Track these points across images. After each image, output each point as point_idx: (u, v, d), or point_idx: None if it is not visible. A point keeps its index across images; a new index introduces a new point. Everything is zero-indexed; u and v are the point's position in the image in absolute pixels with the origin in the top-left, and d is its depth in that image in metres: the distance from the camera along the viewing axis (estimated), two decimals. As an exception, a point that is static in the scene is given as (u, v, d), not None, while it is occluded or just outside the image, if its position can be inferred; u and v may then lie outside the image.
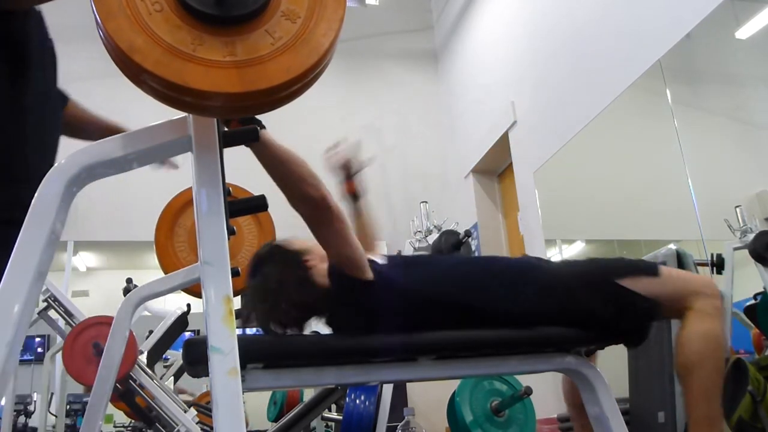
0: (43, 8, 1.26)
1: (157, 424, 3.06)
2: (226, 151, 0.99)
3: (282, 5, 0.87)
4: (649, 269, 1.42)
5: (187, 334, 3.87)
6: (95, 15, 0.79)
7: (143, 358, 3.17)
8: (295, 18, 0.86)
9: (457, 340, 1.39)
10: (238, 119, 1.16)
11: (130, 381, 2.93)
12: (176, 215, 2.19)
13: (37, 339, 4.66)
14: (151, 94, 0.82)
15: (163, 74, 0.78)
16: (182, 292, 2.08)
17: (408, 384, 4.21)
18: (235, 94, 0.81)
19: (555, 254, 3.77)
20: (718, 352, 1.33)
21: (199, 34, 0.82)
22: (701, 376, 1.31)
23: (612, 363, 2.28)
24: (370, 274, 1.32)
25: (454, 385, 2.81)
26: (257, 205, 1.10)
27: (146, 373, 3.00)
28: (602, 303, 1.38)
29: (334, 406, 3.15)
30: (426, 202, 3.83)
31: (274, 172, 1.20)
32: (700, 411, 1.30)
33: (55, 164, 0.91)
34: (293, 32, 0.85)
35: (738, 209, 2.50)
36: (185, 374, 3.90)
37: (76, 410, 4.44)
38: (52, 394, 4.18)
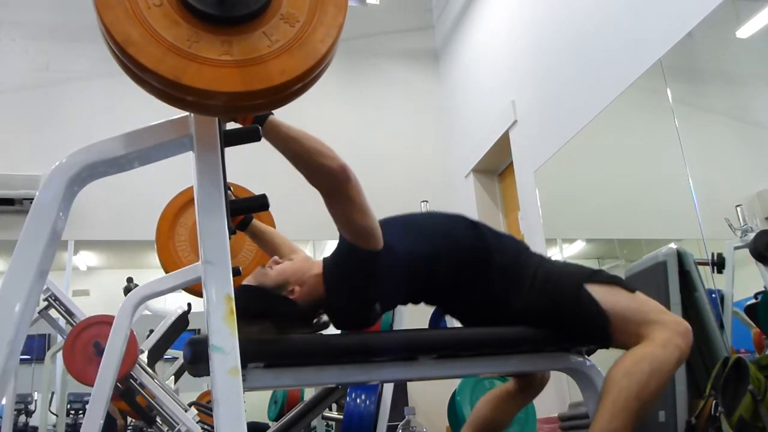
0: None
1: (157, 423, 3.07)
2: (227, 150, 0.99)
3: (282, 8, 0.86)
4: (626, 284, 1.39)
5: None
6: (94, 5, 0.79)
7: (144, 358, 3.17)
8: (293, 22, 0.86)
9: (458, 340, 1.39)
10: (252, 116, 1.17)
11: (131, 380, 2.93)
12: (177, 214, 2.19)
13: (38, 338, 4.66)
14: (153, 92, 0.82)
15: (157, 69, 0.78)
16: (183, 292, 2.08)
17: (409, 383, 4.21)
18: (227, 93, 0.81)
19: (555, 253, 3.77)
20: (646, 378, 1.23)
21: (197, 31, 0.82)
22: (617, 393, 1.23)
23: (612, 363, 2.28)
24: (381, 243, 1.30)
25: (454, 384, 2.81)
26: (258, 204, 1.11)
27: (147, 372, 3.00)
28: (562, 306, 1.37)
29: (334, 406, 3.15)
30: (426, 201, 3.83)
31: (289, 151, 1.20)
32: (598, 424, 1.22)
33: (57, 163, 0.90)
34: (291, 36, 0.85)
35: (739, 208, 2.50)
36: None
37: (76, 409, 4.44)
38: (52, 393, 4.18)
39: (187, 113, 0.94)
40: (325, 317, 1.41)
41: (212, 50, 0.81)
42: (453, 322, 1.65)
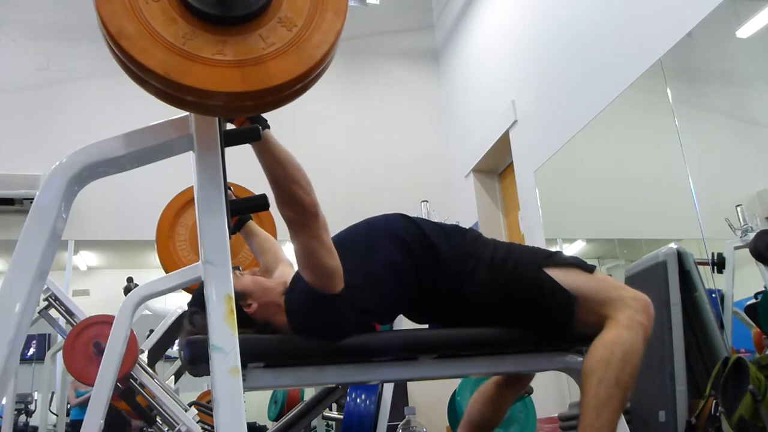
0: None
1: (157, 423, 3.07)
2: (228, 150, 0.99)
3: (281, 12, 0.86)
4: (585, 265, 1.40)
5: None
6: None
7: (144, 357, 3.17)
8: (291, 26, 0.86)
9: (458, 339, 1.39)
10: (246, 117, 1.16)
11: (131, 380, 2.93)
12: (177, 214, 2.19)
13: (38, 338, 4.66)
14: (152, 92, 0.82)
15: (148, 64, 0.78)
16: (183, 292, 2.08)
17: (409, 383, 4.21)
18: (216, 93, 0.80)
19: (556, 253, 3.77)
20: (621, 363, 1.24)
21: (192, 29, 0.82)
22: (597, 385, 1.24)
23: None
24: (342, 283, 1.28)
25: (454, 384, 2.82)
26: (258, 204, 1.10)
27: (147, 372, 3.00)
28: (522, 287, 1.36)
29: (334, 405, 3.15)
30: (427, 201, 3.83)
31: (271, 172, 1.20)
32: (587, 420, 1.23)
33: (57, 163, 0.90)
34: (287, 40, 0.85)
35: (739, 208, 2.50)
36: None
37: (77, 409, 4.44)
38: (52, 393, 4.18)
39: (187, 113, 0.94)
40: None
41: (206, 49, 0.81)
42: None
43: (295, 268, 1.41)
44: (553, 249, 3.77)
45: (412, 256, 1.40)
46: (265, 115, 1.18)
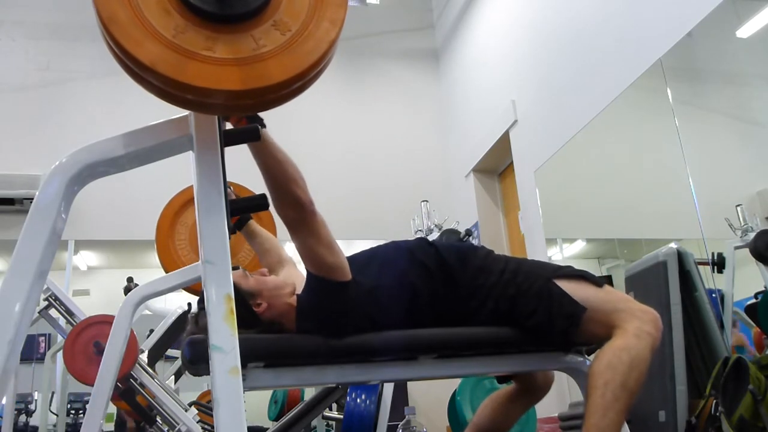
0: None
1: (157, 423, 3.07)
2: (228, 150, 0.99)
3: (277, 15, 0.86)
4: (594, 279, 1.42)
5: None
6: None
7: (144, 357, 3.17)
8: (285, 30, 0.85)
9: (458, 339, 1.39)
10: (245, 117, 1.16)
11: (131, 380, 2.93)
12: (177, 214, 2.19)
13: (39, 338, 4.66)
14: (150, 89, 0.82)
15: (136, 53, 0.78)
16: (183, 291, 2.08)
17: (409, 383, 4.21)
18: (200, 89, 0.80)
19: (555, 253, 3.77)
20: (627, 369, 1.26)
21: (185, 23, 0.82)
22: (604, 386, 1.26)
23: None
24: (349, 275, 1.31)
25: (455, 384, 2.82)
26: (258, 204, 1.10)
27: (147, 372, 3.00)
28: (531, 297, 1.38)
29: (335, 405, 3.15)
30: (427, 201, 3.84)
31: (268, 172, 1.20)
32: (592, 420, 1.24)
33: (57, 163, 0.90)
34: (279, 43, 0.85)
35: (739, 208, 2.50)
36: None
37: (77, 409, 4.44)
38: (52, 393, 4.18)
39: (187, 113, 0.94)
40: None
41: (195, 44, 0.81)
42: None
43: (300, 267, 1.42)
44: (553, 249, 3.77)
45: (431, 279, 1.43)
46: (263, 115, 1.18)
